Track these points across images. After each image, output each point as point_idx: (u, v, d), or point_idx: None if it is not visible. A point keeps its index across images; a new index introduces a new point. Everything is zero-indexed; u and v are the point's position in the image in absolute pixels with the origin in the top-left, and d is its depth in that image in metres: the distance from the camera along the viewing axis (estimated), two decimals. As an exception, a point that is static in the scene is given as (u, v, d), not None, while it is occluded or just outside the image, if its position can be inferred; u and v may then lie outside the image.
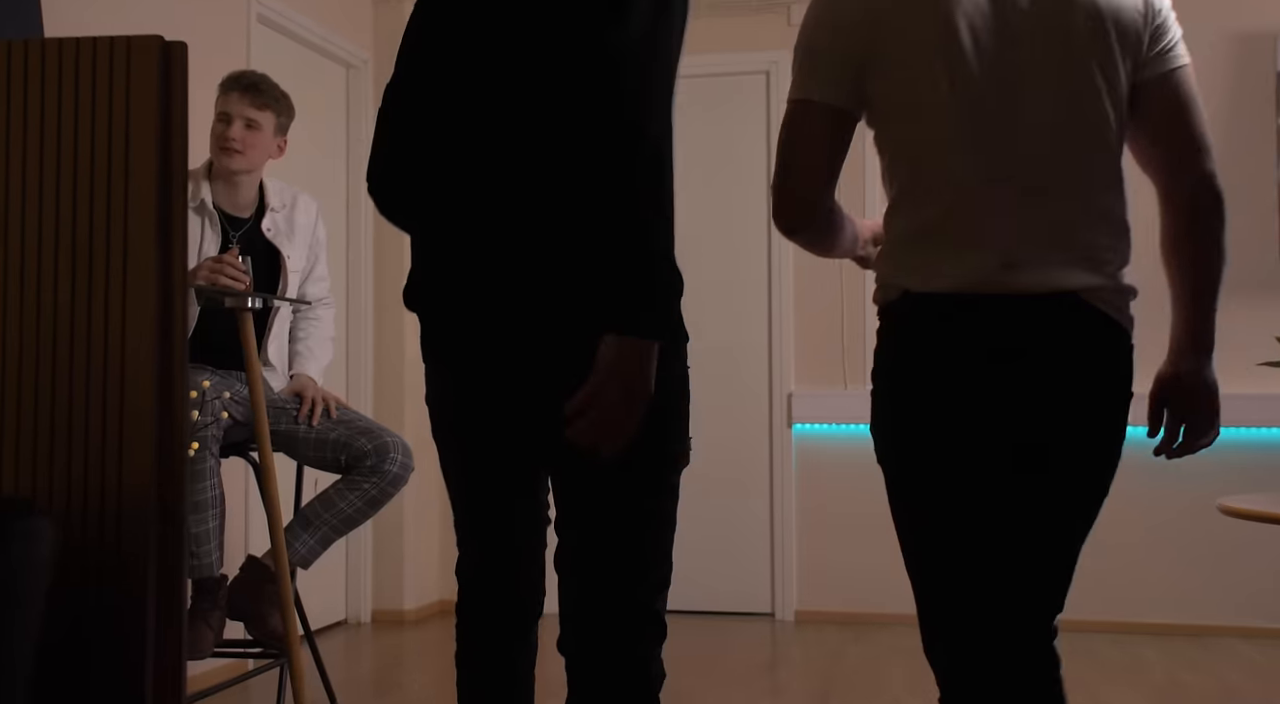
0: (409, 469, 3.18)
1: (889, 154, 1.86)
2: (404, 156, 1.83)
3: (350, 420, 3.23)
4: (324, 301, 3.49)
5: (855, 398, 4.71)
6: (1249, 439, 4.45)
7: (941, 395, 1.77)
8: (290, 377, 3.33)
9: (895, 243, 1.84)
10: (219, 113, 3.14)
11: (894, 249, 1.84)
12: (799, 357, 4.80)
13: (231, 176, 3.18)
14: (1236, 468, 4.39)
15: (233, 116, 3.12)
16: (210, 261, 2.91)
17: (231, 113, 3.12)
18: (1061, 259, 1.75)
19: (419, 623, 4.79)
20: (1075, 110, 1.77)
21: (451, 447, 1.95)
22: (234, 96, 3.14)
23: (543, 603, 1.93)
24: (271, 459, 2.96)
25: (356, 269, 4.75)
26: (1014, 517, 1.82)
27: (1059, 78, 1.76)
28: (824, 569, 4.73)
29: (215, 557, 3.01)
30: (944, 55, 1.75)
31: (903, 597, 4.63)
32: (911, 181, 1.82)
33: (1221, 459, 4.41)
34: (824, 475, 4.76)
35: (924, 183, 1.80)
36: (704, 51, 4.87)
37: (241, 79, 3.17)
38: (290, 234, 3.29)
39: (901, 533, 1.91)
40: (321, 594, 4.45)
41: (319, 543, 3.18)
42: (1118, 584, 4.50)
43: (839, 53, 1.82)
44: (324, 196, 4.60)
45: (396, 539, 4.73)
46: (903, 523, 1.90)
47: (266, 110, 3.15)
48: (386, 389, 4.79)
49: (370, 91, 4.80)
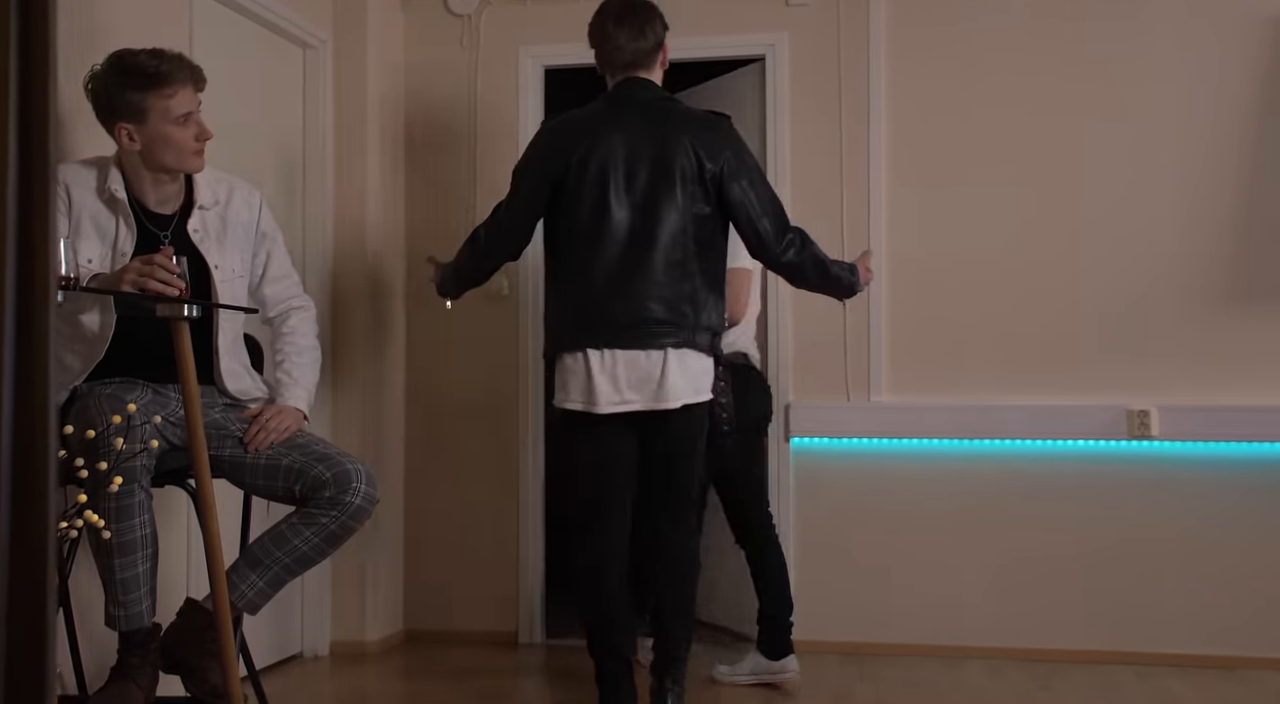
0: (373, 500, 2.78)
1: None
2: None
3: (305, 445, 2.82)
4: (294, 305, 3.08)
5: (859, 411, 4.34)
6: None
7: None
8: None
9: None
10: (178, 117, 2.70)
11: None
12: (797, 365, 4.43)
13: (168, 170, 2.77)
14: (1265, 486, 4.07)
15: (192, 113, 2.73)
16: (139, 263, 2.50)
17: (192, 110, 2.73)
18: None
19: (382, 655, 4.38)
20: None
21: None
22: (187, 91, 2.72)
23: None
24: (210, 489, 2.55)
25: (314, 267, 4.33)
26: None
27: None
28: (824, 596, 4.36)
29: (146, 605, 2.60)
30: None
31: (912, 626, 4.32)
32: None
33: (1246, 478, 4.09)
34: (824, 494, 4.39)
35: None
36: (697, 34, 4.51)
37: (185, 66, 2.72)
38: (222, 236, 2.87)
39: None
40: (273, 626, 4.04)
41: (269, 585, 2.78)
42: (1140, 614, 4.16)
43: None
44: (278, 187, 4.19)
45: (357, 563, 4.32)
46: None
47: (202, 89, 2.76)
48: (345, 398, 4.38)
49: (329, 74, 4.38)
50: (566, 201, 3.09)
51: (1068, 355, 4.25)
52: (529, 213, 3.18)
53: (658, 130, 3.09)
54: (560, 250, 3.14)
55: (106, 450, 2.40)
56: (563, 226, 3.12)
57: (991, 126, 4.33)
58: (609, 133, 3.10)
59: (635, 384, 3.03)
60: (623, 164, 3.07)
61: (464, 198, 4.65)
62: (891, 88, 4.38)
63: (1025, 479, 4.25)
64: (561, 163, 3.09)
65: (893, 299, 4.37)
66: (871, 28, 4.38)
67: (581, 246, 3.07)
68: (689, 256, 3.04)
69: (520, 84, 4.62)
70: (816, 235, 3.36)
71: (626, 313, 3.02)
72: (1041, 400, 4.23)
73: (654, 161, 3.06)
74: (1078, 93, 4.27)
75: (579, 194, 3.07)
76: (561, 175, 3.09)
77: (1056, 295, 4.27)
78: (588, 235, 3.06)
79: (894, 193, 4.38)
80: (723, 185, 3.07)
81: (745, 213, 3.10)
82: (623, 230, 3.04)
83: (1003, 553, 4.26)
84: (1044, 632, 4.22)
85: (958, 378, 4.31)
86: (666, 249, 3.03)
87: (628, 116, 3.13)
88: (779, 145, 4.43)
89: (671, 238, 3.03)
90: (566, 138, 3.13)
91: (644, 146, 3.08)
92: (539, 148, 3.21)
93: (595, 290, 3.04)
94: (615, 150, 3.08)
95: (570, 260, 3.11)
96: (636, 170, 3.07)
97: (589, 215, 3.06)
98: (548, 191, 3.12)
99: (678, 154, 3.06)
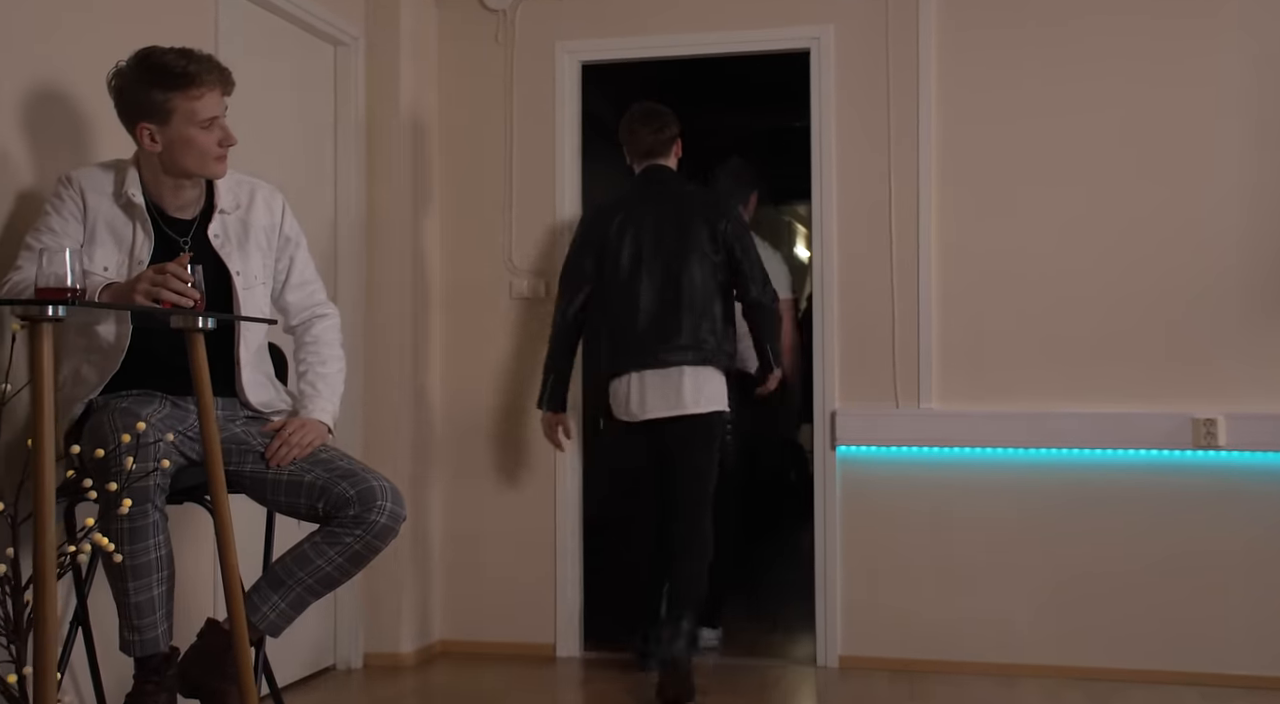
0: (399, 518, 2.66)
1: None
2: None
3: (329, 460, 2.70)
4: (318, 313, 2.95)
5: (908, 418, 4.17)
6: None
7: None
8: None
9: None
10: (203, 120, 2.59)
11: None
12: (844, 371, 4.27)
13: (188, 174, 2.66)
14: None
15: (217, 117, 2.61)
16: (152, 272, 2.38)
17: (218, 114, 2.62)
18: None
19: (417, 668, 4.27)
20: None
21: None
22: (214, 95, 2.61)
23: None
24: (227, 508, 2.44)
25: (346, 272, 4.22)
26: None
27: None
28: (872, 610, 4.21)
29: (162, 629, 2.50)
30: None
31: (964, 643, 4.13)
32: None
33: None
34: (872, 504, 4.22)
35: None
36: (738, 28, 4.36)
37: (213, 68, 2.61)
38: (244, 241, 2.75)
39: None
40: (306, 637, 3.93)
41: (290, 606, 2.66)
42: (1204, 632, 3.97)
43: None
44: (308, 189, 4.08)
45: (392, 574, 4.21)
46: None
47: (230, 93, 2.66)
48: (379, 411, 4.27)
49: (361, 72, 4.27)
50: (609, 263, 3.94)
51: (1128, 359, 4.06)
52: (585, 281, 4.01)
53: (677, 204, 3.95)
54: (606, 299, 3.96)
55: (117, 470, 2.29)
56: (607, 281, 3.95)
57: (1044, 120, 4.14)
58: (639, 207, 3.97)
59: (663, 397, 3.88)
60: (651, 230, 3.92)
61: (500, 197, 4.52)
62: (942, 80, 4.21)
63: (1083, 490, 4.06)
64: (601, 234, 3.97)
65: (943, 301, 4.20)
66: (921, 17, 4.20)
67: (621, 295, 3.91)
68: (709, 299, 3.89)
69: (556, 80, 4.48)
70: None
71: (660, 343, 3.85)
72: (1100, 408, 4.05)
73: (677, 228, 3.91)
74: (1131, 87, 4.08)
75: (618, 255, 3.93)
76: (602, 243, 3.96)
77: (1115, 296, 4.08)
78: (626, 286, 3.91)
79: (944, 189, 4.20)
80: (729, 245, 3.91)
81: (741, 266, 3.93)
82: (655, 280, 3.89)
83: (1059, 567, 4.08)
84: (1102, 650, 4.04)
85: (1011, 384, 4.13)
86: (689, 294, 3.87)
87: (653, 194, 4.00)
88: (824, 139, 4.27)
89: (693, 285, 3.88)
90: (604, 216, 4.01)
91: (668, 216, 3.93)
92: (584, 229, 4.06)
93: (636, 327, 3.88)
94: (645, 220, 3.93)
95: (614, 305, 3.93)
96: (663, 235, 3.91)
97: (628, 271, 3.91)
98: (593, 263, 3.98)
99: (694, 222, 3.91)
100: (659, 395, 3.84)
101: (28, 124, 2.79)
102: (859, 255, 4.26)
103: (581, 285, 4.01)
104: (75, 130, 2.94)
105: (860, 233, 4.26)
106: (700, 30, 4.40)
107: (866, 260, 4.25)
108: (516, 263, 4.50)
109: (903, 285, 4.22)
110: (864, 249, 4.25)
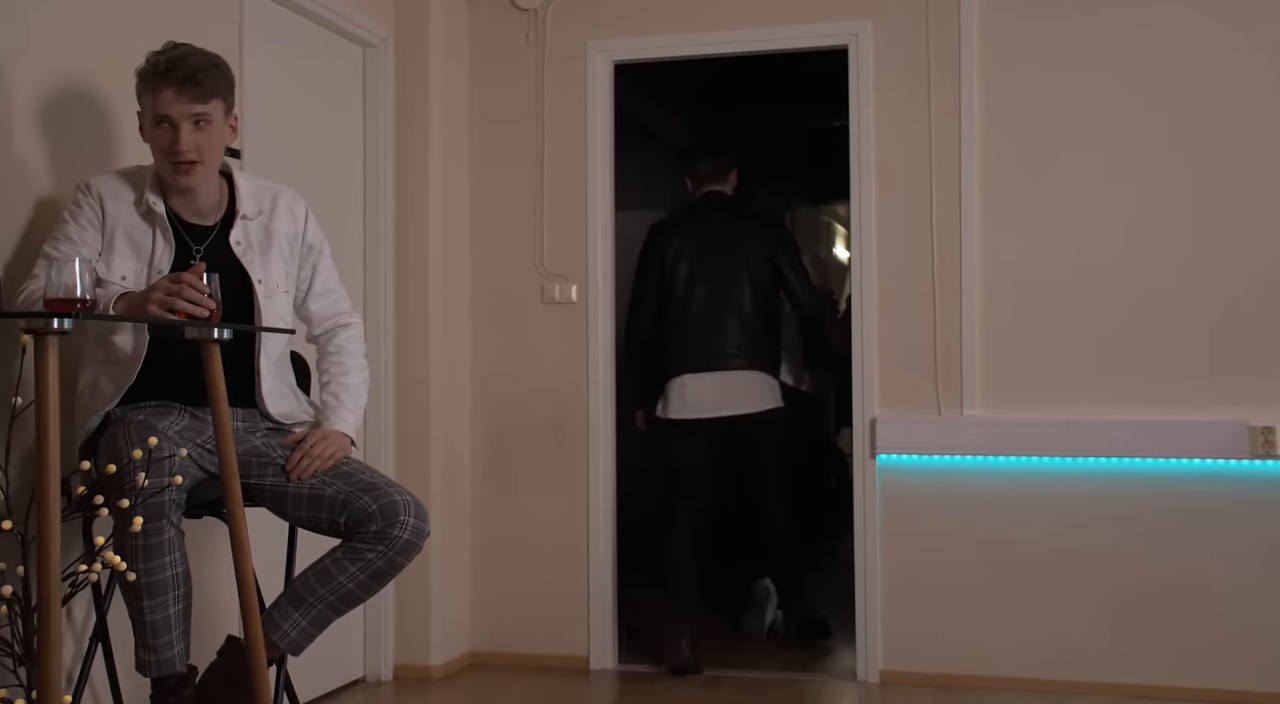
0: (422, 533, 2.57)
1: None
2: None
3: (350, 473, 2.63)
4: (341, 322, 2.88)
5: (950, 425, 4.05)
6: None
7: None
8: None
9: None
10: (154, 115, 2.49)
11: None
12: (884, 377, 4.15)
13: (166, 179, 2.57)
14: None
15: (175, 119, 2.47)
16: (166, 282, 2.31)
17: (171, 115, 2.48)
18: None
19: (447, 680, 4.20)
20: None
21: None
22: (168, 94, 2.47)
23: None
24: (243, 524, 2.37)
25: (374, 277, 4.16)
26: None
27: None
28: (914, 624, 4.08)
29: (178, 649, 2.43)
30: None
31: (1010, 659, 3.99)
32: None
33: None
34: (913, 514, 4.10)
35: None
36: (773, 24, 4.25)
37: (172, 67, 2.47)
38: (266, 248, 2.68)
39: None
40: (334, 649, 3.86)
41: (312, 624, 2.59)
42: (1260, 649, 3.82)
43: None
44: (337, 194, 4.02)
45: (422, 583, 4.13)
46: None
47: (214, 99, 2.51)
48: (410, 419, 4.20)
49: (390, 74, 4.20)
50: (670, 278, 4.43)
51: (1181, 364, 3.92)
52: (650, 294, 4.47)
53: (731, 226, 4.49)
54: (667, 310, 4.43)
55: (130, 487, 2.22)
56: (668, 294, 4.43)
57: (1091, 118, 4.00)
58: (697, 228, 4.49)
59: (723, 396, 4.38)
60: (707, 249, 4.42)
61: (531, 199, 4.44)
62: (984, 77, 4.08)
63: (1134, 501, 3.92)
64: (662, 252, 4.45)
65: (987, 304, 4.07)
66: (963, 11, 4.08)
67: (681, 305, 4.40)
68: (757, 310, 4.40)
69: (589, 80, 4.39)
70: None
71: (715, 348, 4.36)
72: (1152, 415, 3.90)
73: (729, 247, 4.42)
74: (1181, 82, 3.93)
75: (677, 271, 4.41)
76: (663, 260, 4.44)
77: (1167, 299, 3.94)
78: (685, 298, 4.40)
79: (987, 189, 4.07)
80: (778, 262, 4.44)
81: (790, 284, 4.49)
82: (710, 294, 4.38)
83: (1109, 580, 3.94)
84: (1154, 667, 3.89)
85: (1059, 390, 4.00)
86: (739, 306, 4.38)
87: (710, 216, 4.54)
88: (863, 139, 4.15)
89: (743, 298, 4.38)
90: (665, 235, 4.50)
91: (722, 237, 4.45)
92: (647, 247, 4.52)
93: (693, 334, 4.37)
94: (701, 240, 4.44)
95: (673, 314, 4.40)
96: (717, 253, 4.41)
97: (686, 285, 4.40)
98: (656, 278, 4.45)
99: (745, 242, 4.43)
100: (716, 394, 4.33)
101: (48, 129, 2.74)
102: (899, 257, 4.14)
103: (647, 297, 4.46)
104: (98, 136, 2.88)
105: (900, 235, 4.14)
106: (735, 28, 4.29)
107: (907, 262, 4.13)
108: (548, 267, 4.42)
109: (944, 288, 4.09)
110: (904, 251, 4.13)
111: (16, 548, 2.11)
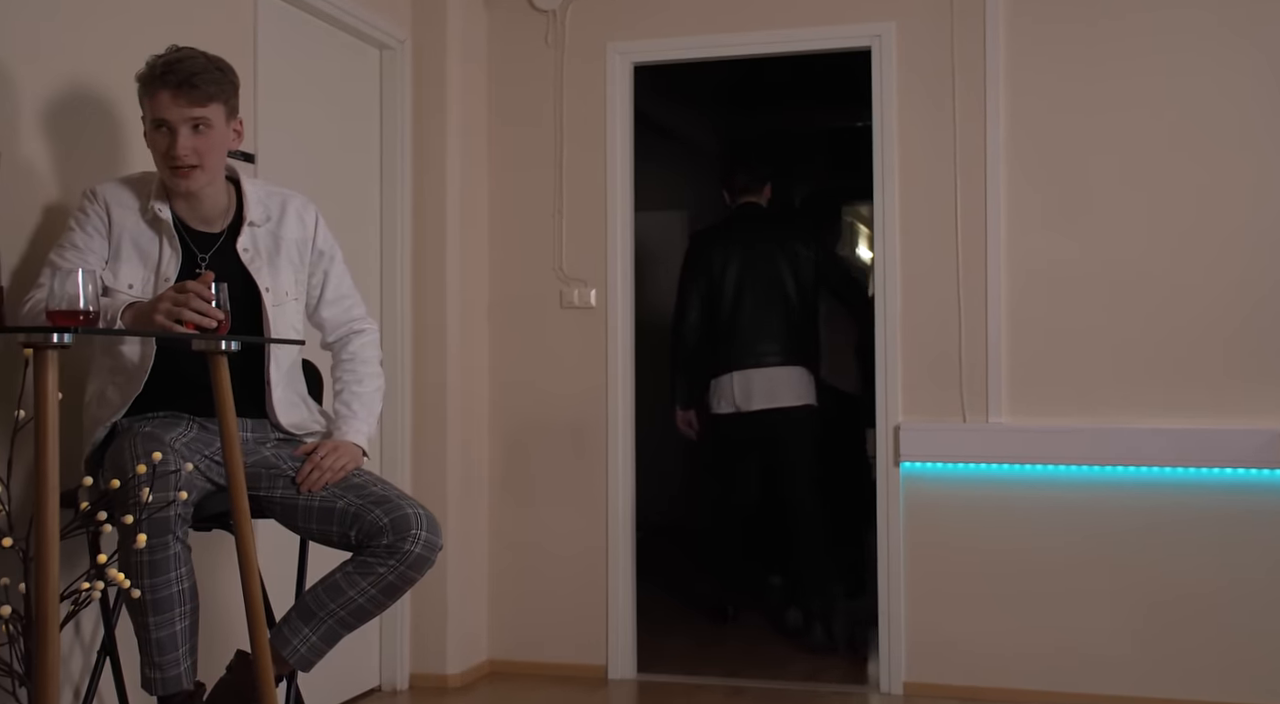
0: (435, 548, 2.52)
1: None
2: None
3: (361, 486, 2.58)
4: (355, 328, 2.82)
5: (976, 433, 3.97)
6: None
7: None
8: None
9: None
10: (153, 119, 2.45)
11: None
12: (907, 383, 4.08)
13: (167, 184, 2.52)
14: None
15: (173, 124, 2.42)
16: (173, 292, 2.26)
17: (169, 119, 2.42)
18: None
19: (464, 689, 4.15)
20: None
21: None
22: (164, 98, 2.42)
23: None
24: (250, 539, 2.32)
25: (391, 282, 4.11)
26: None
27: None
28: (938, 635, 4.01)
29: (185, 666, 2.38)
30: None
31: (1036, 671, 3.90)
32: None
33: None
34: (938, 523, 4.03)
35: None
36: (795, 26, 4.18)
37: (169, 71, 2.42)
38: (274, 255, 2.63)
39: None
40: (350, 658, 3.82)
41: (322, 640, 2.54)
42: None
43: None
44: (354, 197, 3.97)
45: (439, 592, 4.09)
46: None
47: (214, 102, 2.46)
48: (427, 425, 4.15)
49: (407, 76, 4.15)
50: (715, 283, 4.73)
51: (1211, 371, 3.83)
52: (696, 298, 4.77)
53: (768, 233, 4.81)
54: (713, 312, 4.75)
55: (134, 503, 2.18)
56: (713, 297, 4.74)
57: (1119, 121, 3.92)
58: (737, 236, 4.81)
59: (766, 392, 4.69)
60: (749, 254, 4.73)
61: (549, 203, 4.39)
62: (1009, 79, 4.00)
63: (1164, 511, 3.83)
64: (707, 259, 4.77)
65: (1013, 309, 3.99)
66: (988, 13, 4.00)
67: (729, 308, 4.72)
68: (796, 310, 4.71)
69: (608, 82, 4.33)
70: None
71: (764, 347, 4.67)
72: (1182, 423, 3.81)
73: (768, 253, 4.73)
74: (1210, 87, 3.84)
75: (723, 277, 4.72)
76: (708, 266, 4.75)
77: (1194, 304, 3.85)
78: (733, 301, 4.71)
79: (1013, 193, 3.99)
80: (814, 264, 4.75)
81: (829, 282, 4.85)
82: (754, 297, 4.68)
83: (1138, 591, 3.85)
84: (1183, 680, 3.80)
85: (1086, 397, 3.91)
86: (781, 307, 4.69)
87: (749, 226, 4.86)
88: (886, 142, 4.08)
89: (785, 299, 4.69)
90: (706, 243, 4.85)
91: (761, 243, 4.76)
92: (690, 256, 4.86)
93: (744, 333, 4.68)
94: (743, 246, 4.75)
95: (720, 316, 4.72)
96: (758, 258, 4.73)
97: (733, 288, 4.70)
98: (703, 284, 4.76)
99: (785, 246, 4.74)
100: (762, 390, 4.65)
101: (56, 134, 2.70)
102: (923, 262, 4.06)
103: (693, 302, 4.77)
104: (106, 141, 2.84)
105: (924, 239, 4.07)
106: (756, 29, 4.23)
107: (931, 267, 4.06)
108: (567, 271, 4.36)
109: (969, 293, 4.02)
110: (928, 256, 4.06)
111: (19, 565, 2.07)
